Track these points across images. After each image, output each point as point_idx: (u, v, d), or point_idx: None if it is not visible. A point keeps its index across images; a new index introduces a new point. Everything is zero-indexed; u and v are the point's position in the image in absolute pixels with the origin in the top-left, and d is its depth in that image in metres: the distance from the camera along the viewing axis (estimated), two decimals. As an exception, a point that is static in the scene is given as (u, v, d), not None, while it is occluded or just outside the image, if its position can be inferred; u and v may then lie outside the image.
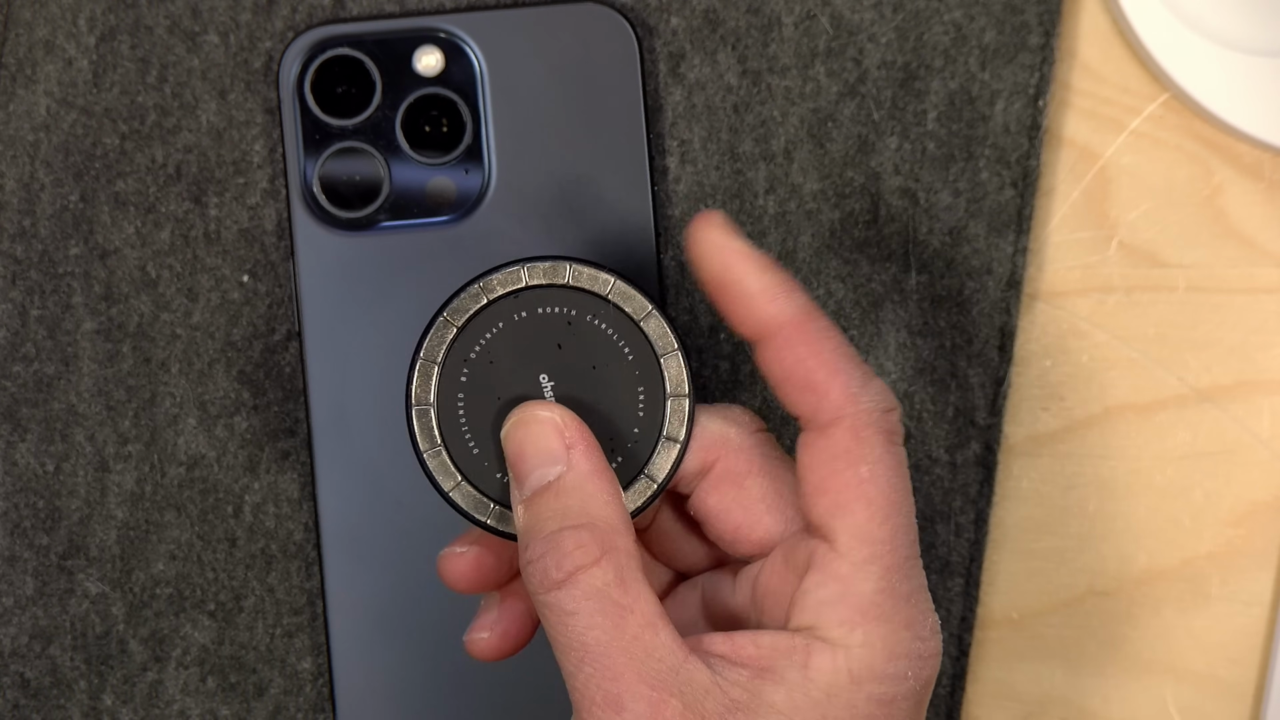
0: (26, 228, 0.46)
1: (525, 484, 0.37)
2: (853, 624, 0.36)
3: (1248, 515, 0.48)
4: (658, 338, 0.38)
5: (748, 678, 0.36)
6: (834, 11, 0.47)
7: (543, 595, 0.35)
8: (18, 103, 0.46)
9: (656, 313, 0.38)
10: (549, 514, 0.36)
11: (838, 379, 0.37)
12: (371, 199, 0.46)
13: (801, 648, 0.36)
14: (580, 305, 0.38)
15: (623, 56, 0.46)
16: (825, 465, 0.37)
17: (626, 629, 0.35)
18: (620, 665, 0.35)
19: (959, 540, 0.47)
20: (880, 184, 0.47)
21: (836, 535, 0.37)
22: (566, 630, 0.35)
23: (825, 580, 0.37)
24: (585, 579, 0.35)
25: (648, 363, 0.38)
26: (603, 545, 0.36)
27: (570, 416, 0.37)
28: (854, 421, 0.37)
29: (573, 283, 0.38)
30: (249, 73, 0.46)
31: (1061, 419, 0.48)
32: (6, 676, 0.46)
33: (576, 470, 0.37)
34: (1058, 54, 0.47)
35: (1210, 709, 0.48)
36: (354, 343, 0.45)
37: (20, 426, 0.46)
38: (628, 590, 0.35)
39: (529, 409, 0.38)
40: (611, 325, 0.38)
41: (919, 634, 0.37)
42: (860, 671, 0.36)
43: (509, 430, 0.38)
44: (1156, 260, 0.48)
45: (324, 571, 0.46)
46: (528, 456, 0.37)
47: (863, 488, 0.37)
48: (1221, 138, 0.48)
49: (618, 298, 0.38)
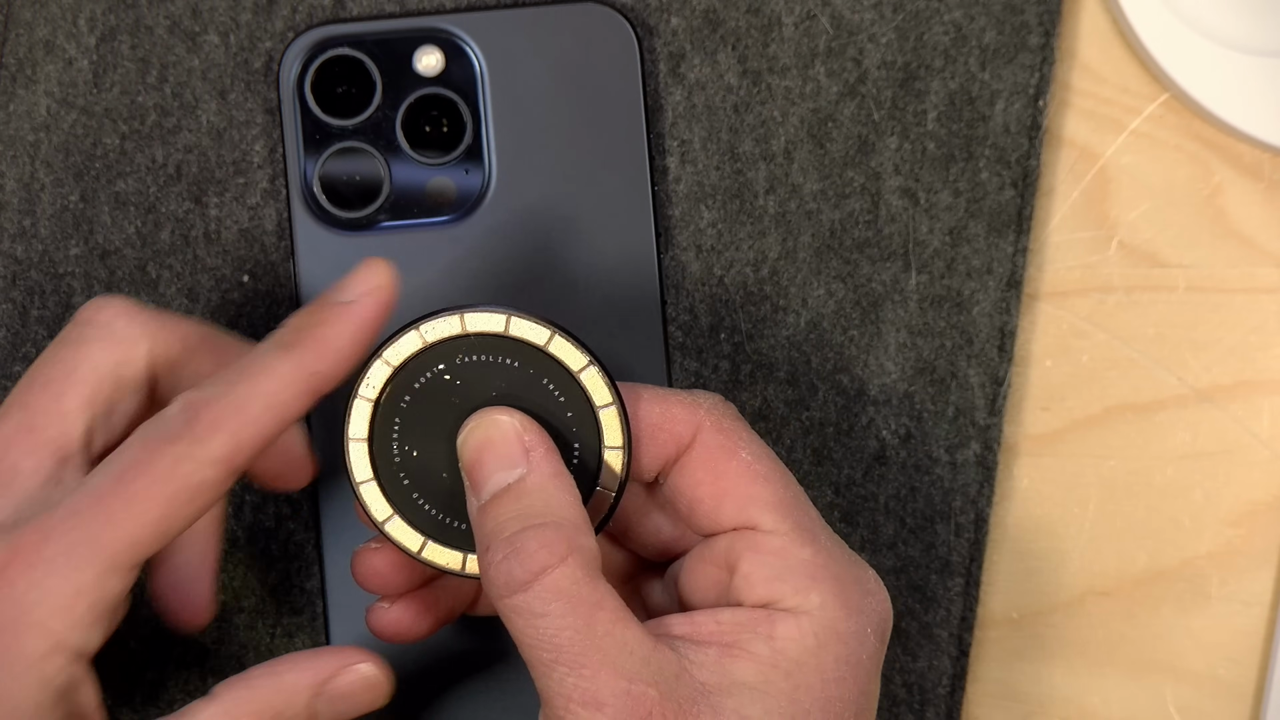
0: (27, 228, 0.46)
1: (484, 488, 0.37)
2: (806, 589, 0.37)
3: (1248, 515, 0.48)
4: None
5: (715, 657, 0.36)
6: (834, 11, 0.47)
7: (508, 599, 0.35)
8: (18, 103, 0.46)
9: (593, 367, 0.38)
10: (510, 515, 0.36)
11: (670, 403, 0.38)
12: (372, 199, 0.46)
13: (764, 619, 0.36)
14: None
15: (623, 56, 0.46)
16: (711, 469, 0.38)
17: (598, 625, 0.35)
18: (595, 662, 0.34)
19: (959, 540, 0.47)
20: (880, 184, 0.47)
21: (756, 519, 0.38)
22: (537, 632, 0.35)
23: (762, 559, 0.37)
24: (552, 578, 0.35)
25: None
26: (568, 544, 0.35)
27: (529, 421, 0.37)
28: (710, 422, 0.38)
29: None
30: (249, 73, 0.46)
31: (1061, 419, 0.48)
32: (7, 676, 0.46)
33: (537, 472, 0.37)
34: (1058, 54, 0.47)
35: (1210, 709, 0.48)
36: (354, 343, 0.45)
37: (20, 426, 0.46)
38: (595, 586, 0.35)
39: (488, 414, 0.37)
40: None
41: (866, 587, 0.38)
42: (824, 634, 0.36)
43: (467, 436, 0.37)
44: (1156, 260, 0.48)
45: (324, 571, 0.46)
46: (486, 461, 0.37)
47: (755, 468, 0.38)
48: (1221, 138, 0.48)
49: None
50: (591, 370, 0.38)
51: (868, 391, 0.47)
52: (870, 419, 0.47)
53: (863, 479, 0.47)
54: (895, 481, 0.47)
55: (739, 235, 0.47)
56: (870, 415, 0.47)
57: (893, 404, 0.47)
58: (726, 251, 0.47)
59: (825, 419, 0.47)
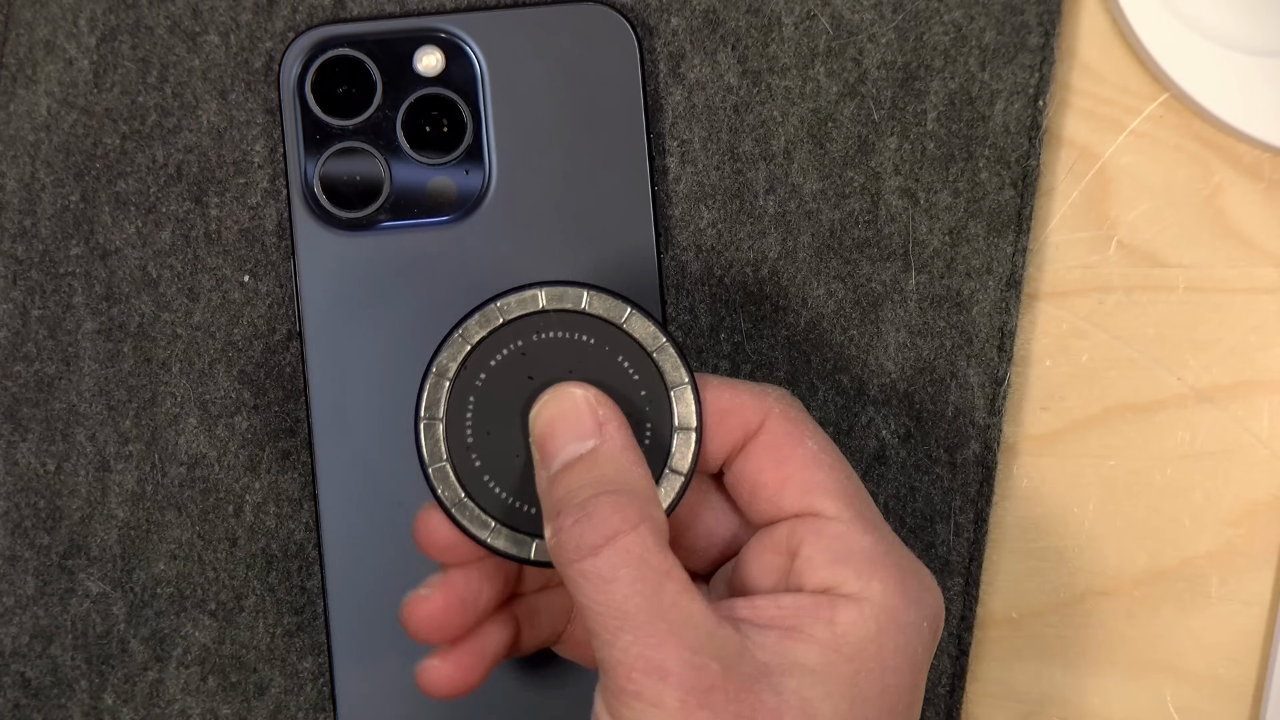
0: (27, 228, 0.46)
1: (556, 459, 0.37)
2: (868, 575, 0.37)
3: (1248, 515, 0.48)
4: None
5: (775, 639, 0.36)
6: (834, 11, 0.47)
7: (578, 563, 0.35)
8: (18, 103, 0.46)
9: (669, 346, 0.38)
10: (583, 483, 0.36)
11: (740, 390, 0.39)
12: (372, 199, 0.46)
13: (826, 604, 0.36)
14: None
15: (623, 56, 0.46)
16: (774, 456, 0.38)
17: (666, 595, 0.34)
18: (662, 631, 0.34)
19: (959, 540, 0.47)
20: (880, 184, 0.47)
21: (819, 506, 0.38)
22: (605, 597, 0.34)
23: (824, 544, 0.37)
24: (624, 544, 0.35)
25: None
26: (641, 512, 0.35)
27: (602, 396, 0.37)
28: (779, 410, 0.39)
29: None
30: (249, 73, 0.46)
31: (1061, 419, 0.48)
32: (7, 676, 0.46)
33: (611, 442, 0.37)
34: (1058, 54, 0.47)
35: (1210, 709, 0.48)
36: (354, 343, 0.45)
37: (21, 426, 0.46)
38: (665, 556, 0.35)
39: (562, 387, 0.38)
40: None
41: (924, 582, 0.38)
42: (885, 621, 0.36)
43: (540, 408, 0.37)
44: (1156, 260, 0.48)
45: (324, 571, 0.46)
46: (559, 432, 0.37)
47: (820, 457, 0.38)
48: (1221, 138, 0.48)
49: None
50: (667, 350, 0.38)
51: (868, 391, 0.47)
52: (870, 419, 0.47)
53: (863, 479, 0.47)
54: (895, 481, 0.47)
55: (739, 235, 0.47)
56: (870, 415, 0.47)
57: (893, 404, 0.47)
58: (726, 251, 0.47)
59: (825, 419, 0.47)
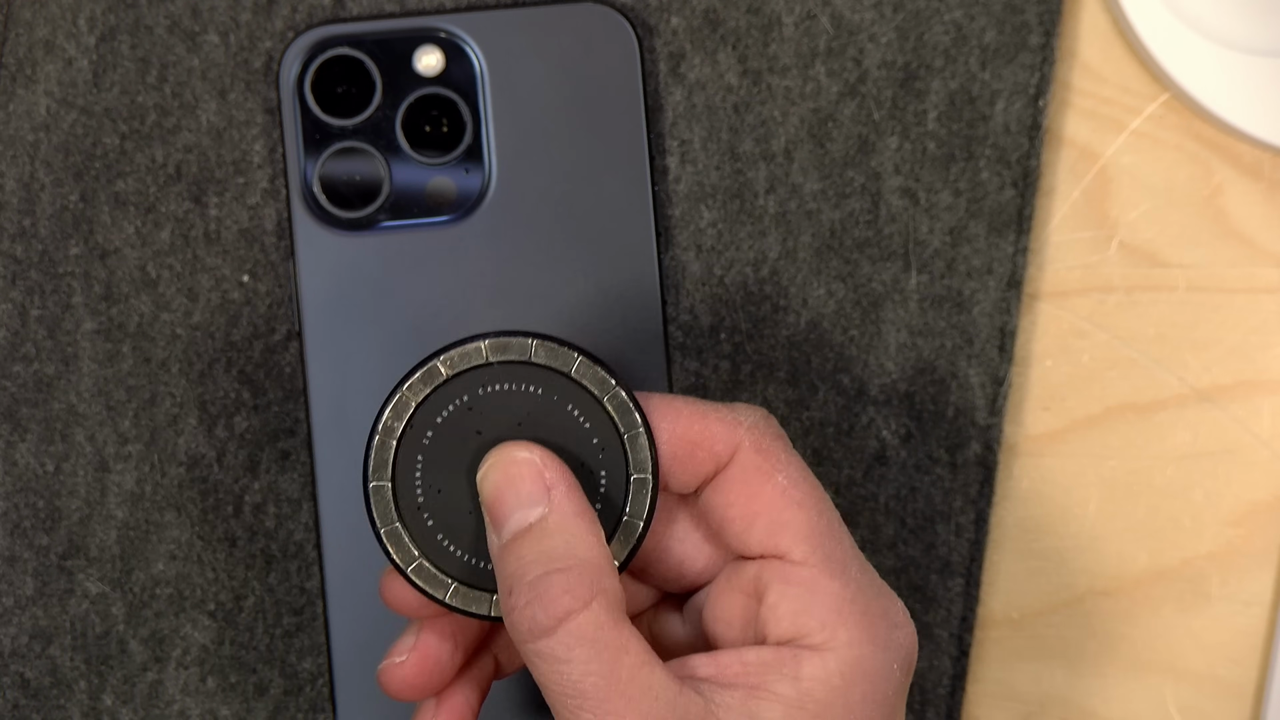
0: (26, 228, 0.46)
1: (505, 527, 0.36)
2: (833, 625, 0.36)
3: (1248, 515, 0.48)
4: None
5: (740, 700, 0.35)
6: (834, 11, 0.47)
7: (531, 644, 0.35)
8: (18, 103, 0.46)
9: (619, 392, 0.37)
10: (532, 557, 0.35)
11: (709, 420, 0.37)
12: (371, 199, 0.46)
13: (790, 659, 0.36)
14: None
15: (623, 56, 0.46)
16: (743, 491, 0.37)
17: (622, 670, 0.34)
18: (621, 707, 0.34)
19: (959, 540, 0.47)
20: (880, 184, 0.47)
21: (785, 549, 0.37)
22: (561, 678, 0.34)
23: (790, 591, 0.37)
24: (576, 624, 0.34)
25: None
26: (592, 587, 0.35)
27: (550, 456, 0.37)
28: (750, 441, 0.37)
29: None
30: (249, 73, 0.46)
31: (1061, 419, 0.48)
32: (6, 676, 0.46)
33: (559, 511, 0.36)
34: (1058, 54, 0.47)
35: (1210, 709, 0.48)
36: (354, 343, 0.45)
37: (20, 426, 0.46)
38: (620, 630, 0.35)
39: (507, 450, 0.37)
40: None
41: (895, 621, 0.37)
42: (850, 672, 0.36)
43: (486, 472, 0.37)
44: (1156, 260, 0.48)
45: (324, 571, 0.46)
46: (507, 499, 0.36)
47: (789, 495, 0.37)
48: (1221, 138, 0.48)
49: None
50: (618, 395, 0.37)
51: (868, 391, 0.47)
52: (870, 419, 0.47)
53: (863, 479, 0.47)
54: (895, 481, 0.47)
55: (739, 235, 0.47)
56: (870, 415, 0.47)
57: (893, 404, 0.47)
58: (726, 251, 0.47)
59: (825, 419, 0.47)
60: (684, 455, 0.38)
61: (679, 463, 0.38)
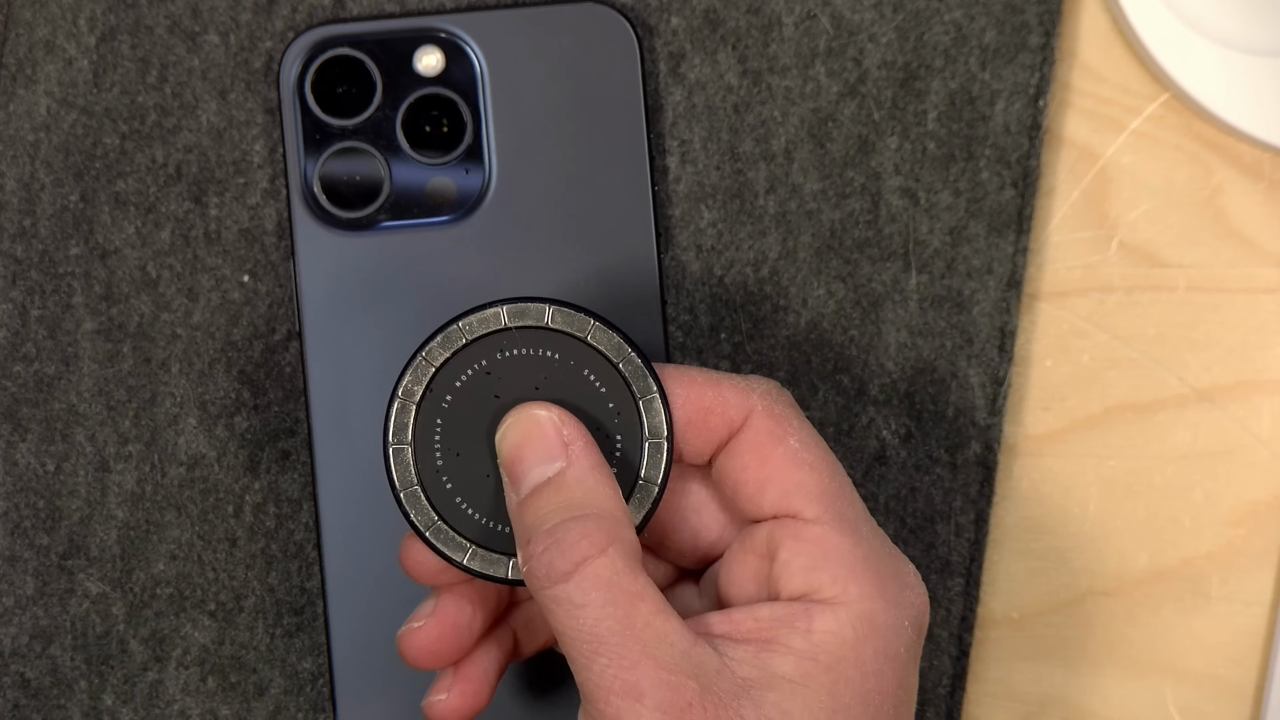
0: (27, 228, 0.46)
1: (523, 482, 0.37)
2: (845, 579, 0.36)
3: (1248, 515, 0.48)
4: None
5: (753, 653, 0.36)
6: (834, 11, 0.47)
7: (549, 589, 0.35)
8: (18, 103, 0.46)
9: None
10: (551, 508, 0.36)
11: (723, 387, 0.38)
12: (372, 199, 0.46)
13: (801, 613, 0.36)
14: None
15: (623, 56, 0.46)
16: (757, 455, 0.38)
17: (638, 617, 0.35)
18: (636, 653, 0.34)
19: (959, 540, 0.47)
20: (880, 184, 0.47)
21: (798, 507, 0.37)
22: (577, 623, 0.35)
23: (802, 548, 0.37)
24: (593, 569, 0.35)
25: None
26: (609, 535, 0.35)
27: (567, 415, 0.37)
28: (763, 406, 0.38)
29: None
30: (249, 73, 0.46)
31: (1061, 419, 0.48)
32: (7, 676, 0.46)
33: (577, 465, 0.37)
34: (1058, 54, 0.47)
35: (1210, 709, 0.48)
36: (354, 343, 0.45)
37: (20, 426, 0.46)
38: (636, 578, 0.35)
39: (525, 409, 0.37)
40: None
41: (906, 581, 0.37)
42: (862, 626, 0.36)
43: (505, 431, 0.37)
44: (1156, 260, 0.48)
45: (324, 571, 0.46)
46: (525, 455, 0.37)
47: (801, 457, 0.38)
48: (1221, 138, 0.48)
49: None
50: (633, 360, 0.38)
51: (868, 392, 0.47)
52: (870, 419, 0.47)
53: (863, 479, 0.47)
54: (895, 481, 0.47)
55: (739, 235, 0.47)
56: (870, 415, 0.47)
57: (893, 404, 0.47)
58: (726, 251, 0.47)
59: (825, 419, 0.47)
60: (698, 420, 0.38)
61: (693, 428, 0.38)
